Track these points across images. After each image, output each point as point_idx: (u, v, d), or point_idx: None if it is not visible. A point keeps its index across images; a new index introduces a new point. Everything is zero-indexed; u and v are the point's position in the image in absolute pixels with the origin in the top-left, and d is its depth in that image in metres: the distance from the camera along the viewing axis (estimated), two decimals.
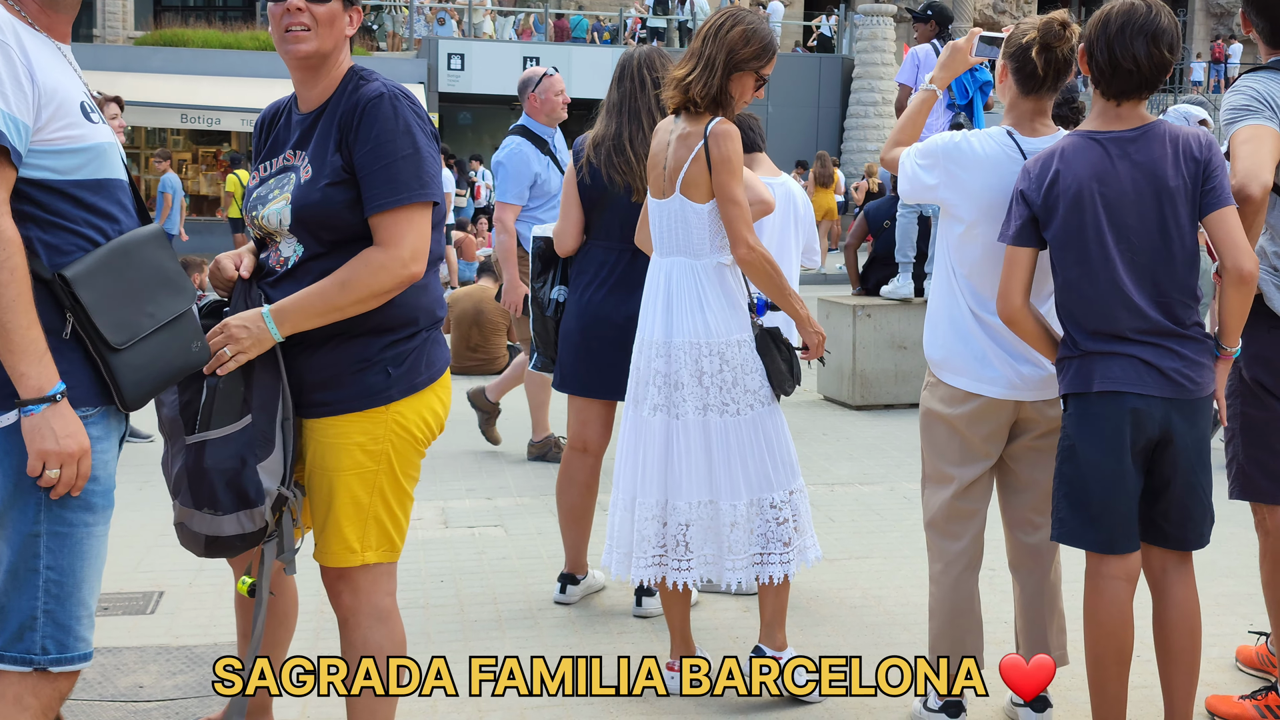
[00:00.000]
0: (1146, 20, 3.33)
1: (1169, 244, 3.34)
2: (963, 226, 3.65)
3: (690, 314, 3.95)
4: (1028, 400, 3.68)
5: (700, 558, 3.99)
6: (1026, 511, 3.80)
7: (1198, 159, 3.33)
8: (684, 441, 3.96)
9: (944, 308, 3.74)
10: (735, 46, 3.90)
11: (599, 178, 4.77)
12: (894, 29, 30.74)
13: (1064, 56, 3.59)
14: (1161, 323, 3.34)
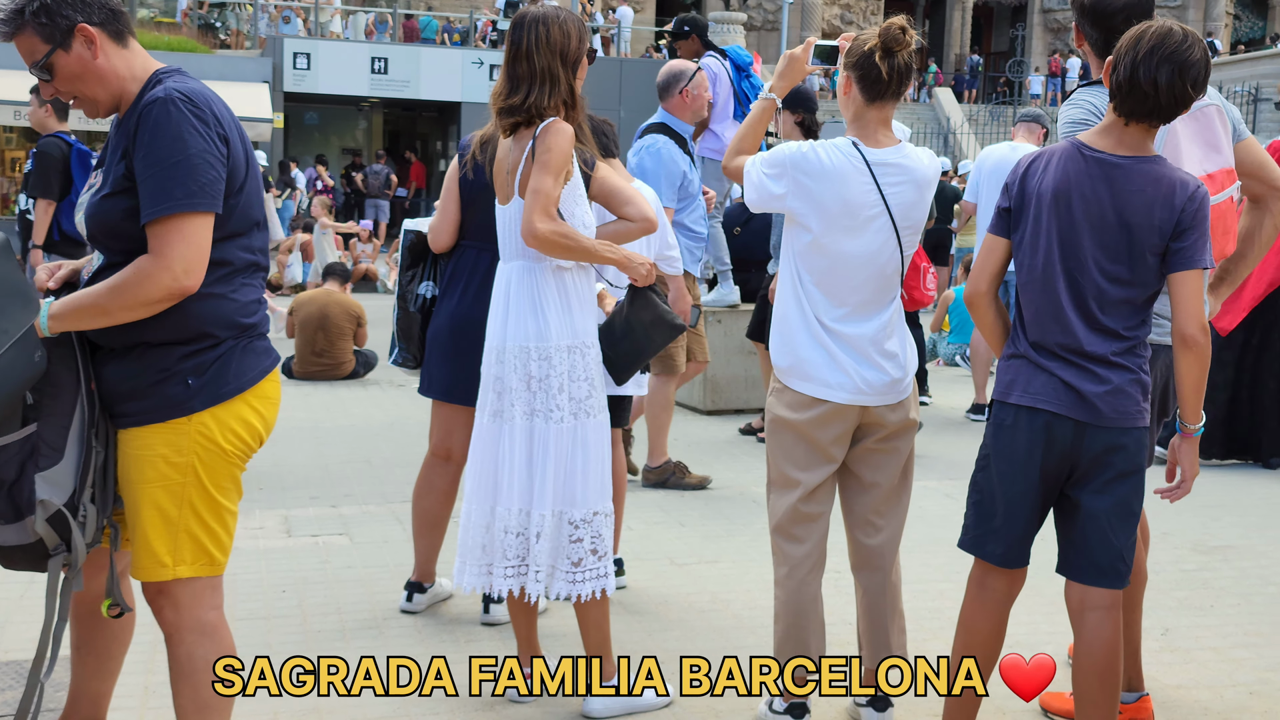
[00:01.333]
0: (1178, 49, 3.25)
1: (1126, 278, 3.32)
2: (810, 236, 3.69)
3: (525, 318, 3.91)
4: (872, 405, 3.74)
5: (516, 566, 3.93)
6: (869, 514, 3.86)
7: (1174, 208, 3.27)
8: (509, 446, 3.92)
9: (791, 315, 3.77)
10: (564, 46, 3.87)
11: (482, 176, 4.71)
12: (744, 37, 31.07)
13: (905, 62, 3.65)
14: (1092, 348, 3.33)
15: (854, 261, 3.66)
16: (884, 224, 3.65)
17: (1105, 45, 3.87)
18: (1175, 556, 5.81)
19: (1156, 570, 5.25)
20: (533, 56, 3.84)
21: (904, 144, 3.72)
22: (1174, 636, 4.81)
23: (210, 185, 2.85)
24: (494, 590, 3.96)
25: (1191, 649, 4.69)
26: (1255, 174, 3.97)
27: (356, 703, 3.98)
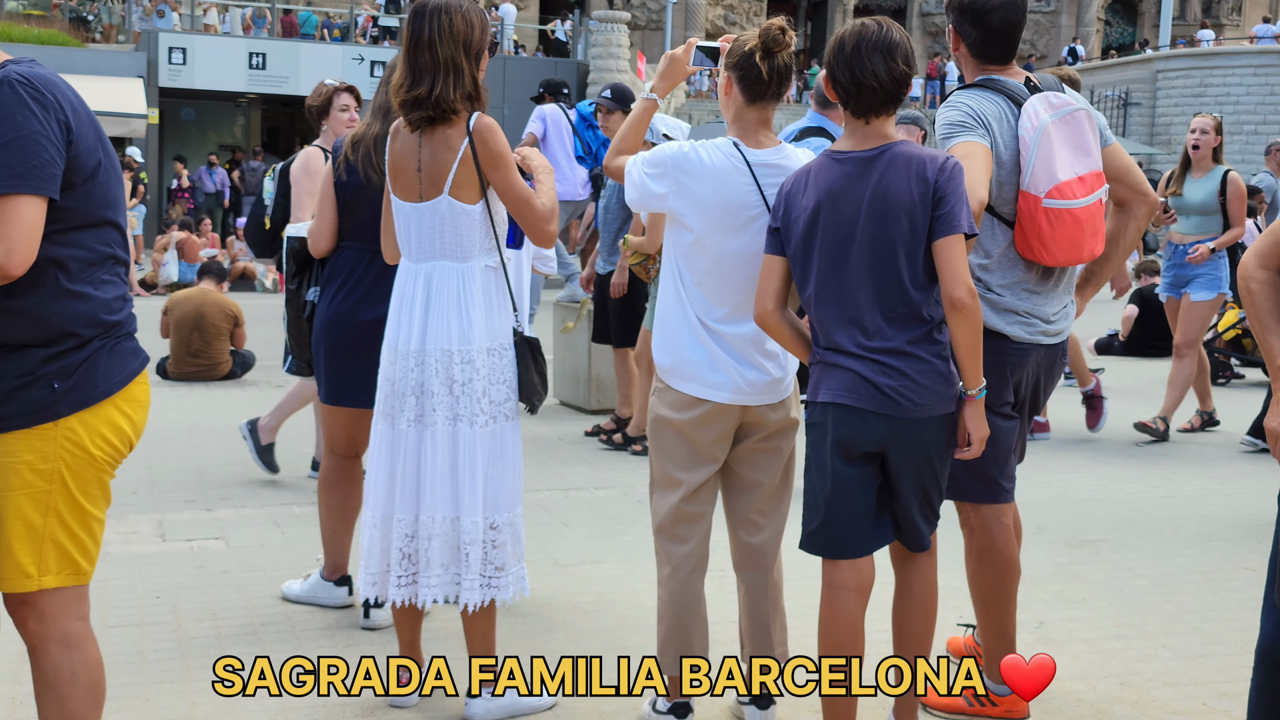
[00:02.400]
0: (879, 37, 3.43)
1: (898, 264, 3.41)
2: (691, 236, 3.69)
3: (449, 320, 3.86)
4: (754, 405, 3.75)
5: (443, 576, 3.90)
6: (750, 513, 3.87)
7: (928, 181, 3.39)
8: (432, 452, 3.87)
9: (672, 315, 3.76)
10: (467, 36, 3.83)
11: (356, 176, 4.64)
12: (628, 35, 31.12)
13: (785, 63, 3.67)
14: (885, 341, 3.42)
15: (735, 261, 3.67)
16: (765, 224, 3.66)
17: (983, 44, 3.93)
18: (1049, 551, 5.92)
19: (1031, 565, 5.35)
20: (435, 47, 3.79)
21: (784, 145, 3.74)
22: (1049, 629, 4.90)
23: (43, 168, 2.71)
24: (420, 600, 3.92)
25: (1066, 641, 4.78)
26: (1121, 178, 4.06)
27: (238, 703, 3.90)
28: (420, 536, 3.89)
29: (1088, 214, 3.78)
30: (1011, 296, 3.89)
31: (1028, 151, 3.76)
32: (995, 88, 3.89)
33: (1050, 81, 3.98)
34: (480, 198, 3.85)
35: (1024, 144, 3.78)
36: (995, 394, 3.88)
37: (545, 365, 4.08)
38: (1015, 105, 3.85)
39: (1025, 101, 3.83)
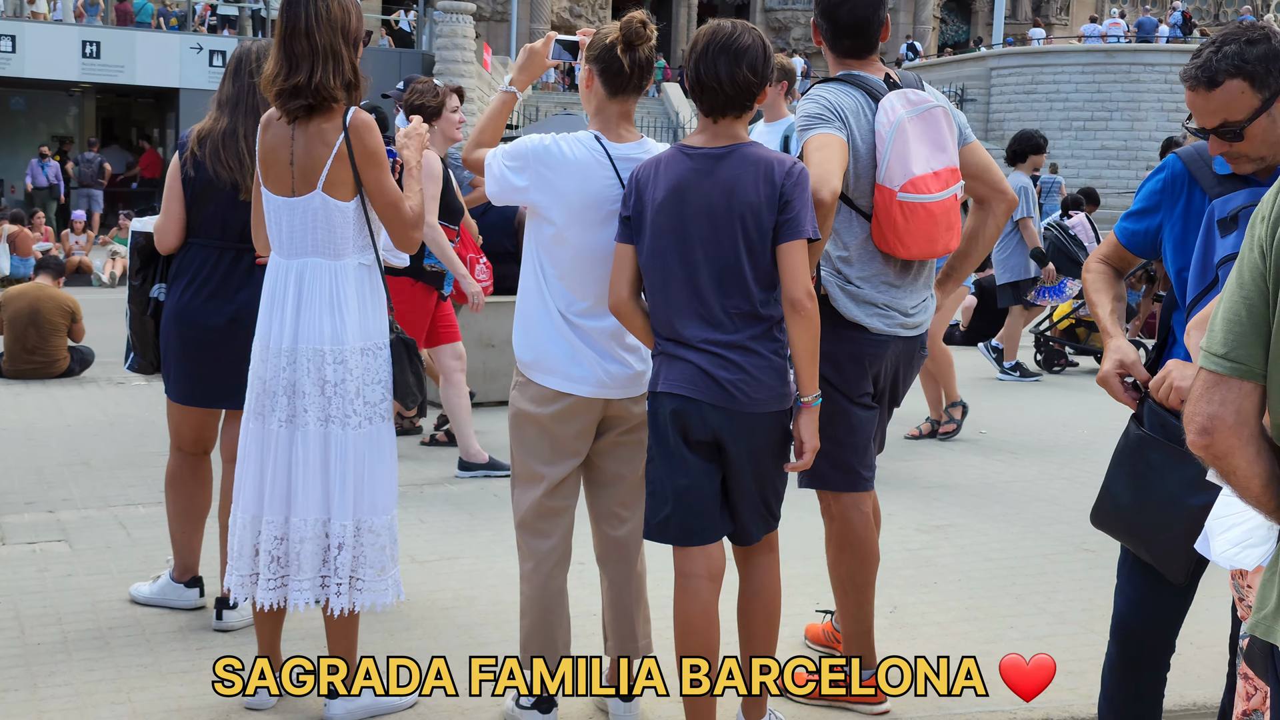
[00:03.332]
0: (728, 41, 3.48)
1: (741, 261, 3.47)
2: (553, 229, 3.68)
3: (321, 318, 3.79)
4: (616, 398, 3.76)
5: (313, 579, 3.84)
6: (613, 505, 3.89)
7: (775, 184, 3.45)
8: (303, 454, 3.80)
9: (534, 309, 3.76)
10: (345, 23, 3.77)
11: (204, 172, 4.52)
12: (473, 26, 30.90)
13: (647, 56, 3.69)
14: (725, 335, 3.48)
15: (597, 255, 3.68)
16: None
17: (833, 37, 4.01)
18: (901, 536, 6.06)
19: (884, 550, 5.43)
20: (313, 33, 3.72)
21: (645, 139, 3.76)
22: (902, 613, 5.01)
23: None
24: (291, 603, 3.85)
25: (918, 625, 4.90)
26: (980, 176, 4.17)
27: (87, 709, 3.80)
28: (291, 539, 3.82)
29: (942, 208, 3.87)
30: (870, 289, 3.96)
31: (883, 146, 3.84)
32: (854, 82, 3.96)
33: (910, 79, 4.07)
34: (355, 195, 3.79)
35: (880, 139, 3.86)
36: (854, 384, 3.96)
37: (421, 365, 4.04)
38: (873, 100, 3.92)
39: (883, 97, 3.91)
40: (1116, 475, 3.31)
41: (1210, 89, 3.04)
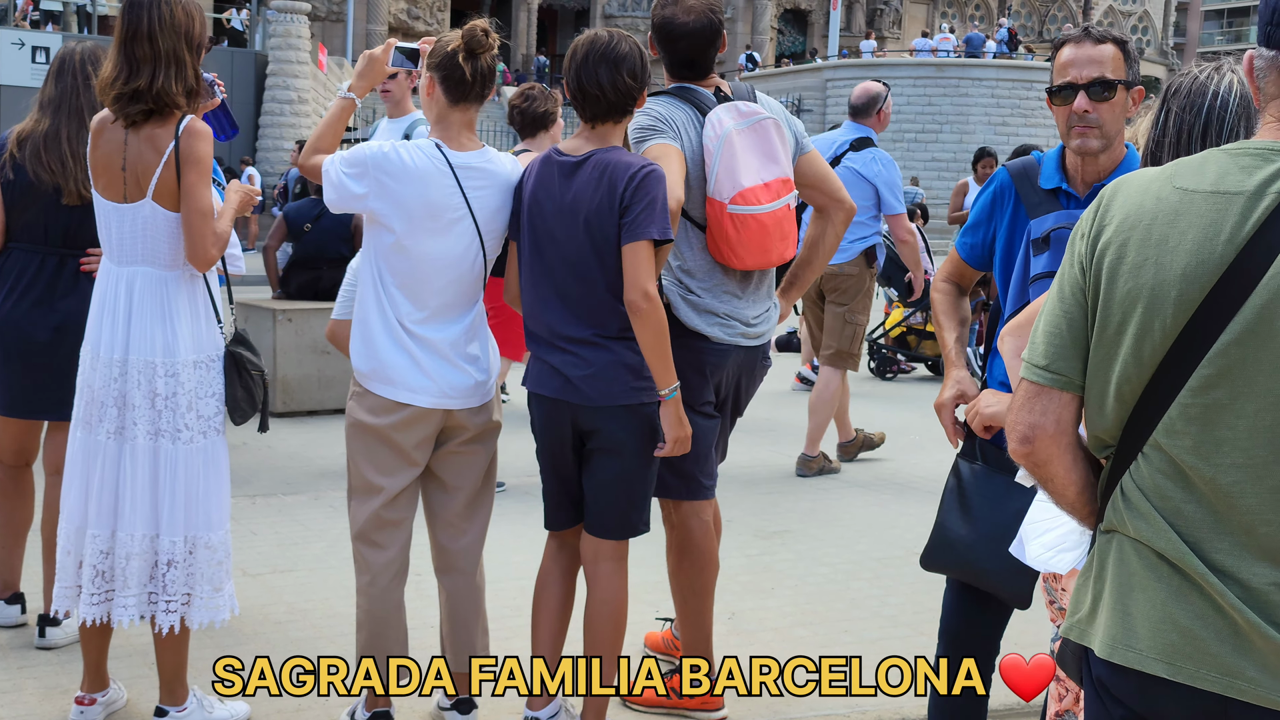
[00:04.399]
0: (607, 49, 3.58)
1: (590, 263, 3.56)
2: (393, 237, 3.63)
3: (153, 330, 3.67)
4: (456, 409, 3.73)
5: (139, 595, 3.72)
6: (452, 516, 3.85)
7: (616, 189, 3.53)
8: (132, 468, 3.68)
9: (373, 318, 3.69)
10: (188, 28, 3.67)
11: (24, 175, 4.35)
12: (309, 27, 30.41)
13: (489, 64, 3.67)
14: (579, 332, 3.59)
15: (437, 264, 3.64)
16: (467, 227, 3.65)
17: (671, 67, 4.04)
18: (740, 543, 6.12)
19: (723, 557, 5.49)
20: (156, 38, 3.60)
21: (487, 148, 3.74)
22: (740, 620, 5.06)
23: None
24: (115, 619, 3.72)
25: (756, 630, 4.96)
26: (818, 185, 4.23)
27: None
28: (118, 554, 3.70)
29: (774, 219, 3.92)
30: (711, 298, 4.00)
31: (711, 159, 3.89)
32: (685, 96, 4.01)
33: (742, 90, 4.11)
34: None
35: (708, 152, 3.90)
36: (695, 393, 3.99)
37: (253, 378, 3.93)
38: (701, 114, 3.96)
39: (710, 111, 3.94)
40: (950, 512, 3.40)
41: (1095, 44, 3.21)
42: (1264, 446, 1.81)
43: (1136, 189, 1.96)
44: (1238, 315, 1.81)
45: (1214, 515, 1.86)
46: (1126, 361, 1.91)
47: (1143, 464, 1.93)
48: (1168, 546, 1.89)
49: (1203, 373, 1.84)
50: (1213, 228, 1.84)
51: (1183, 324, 1.85)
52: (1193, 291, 1.84)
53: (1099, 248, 1.95)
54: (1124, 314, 1.91)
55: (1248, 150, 1.89)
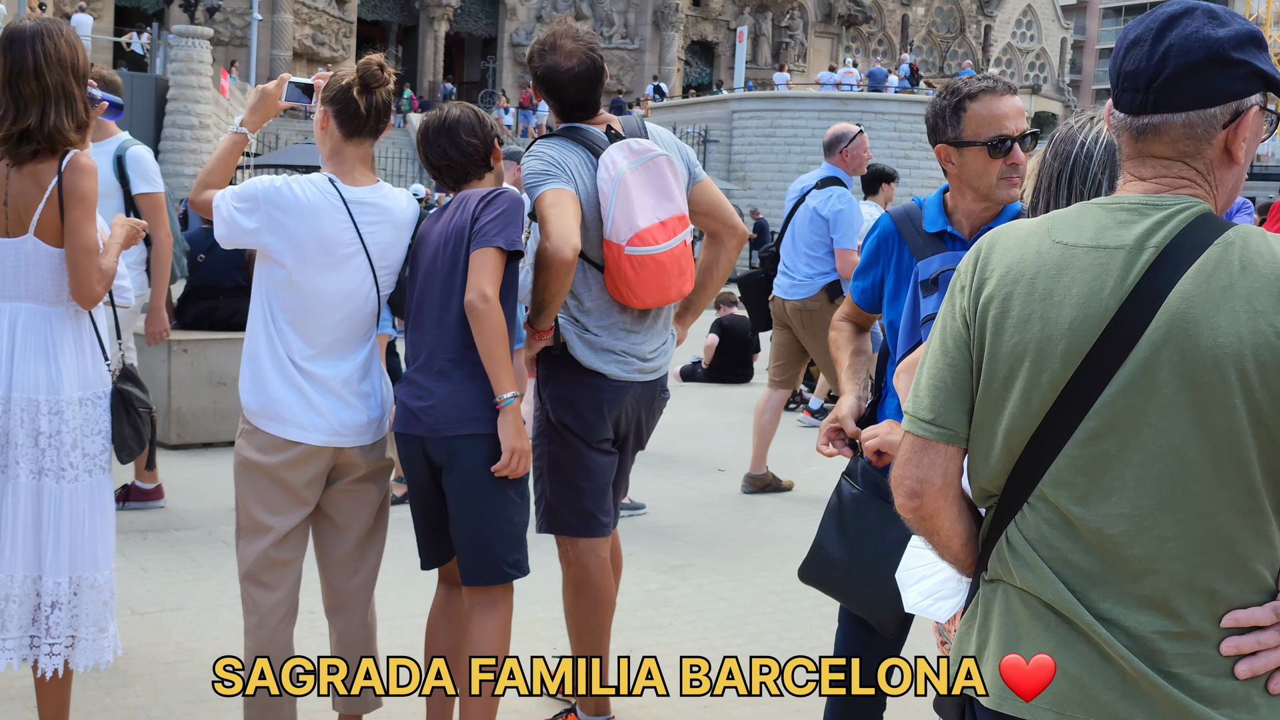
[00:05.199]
0: (441, 122, 3.71)
1: (446, 291, 3.61)
2: (284, 272, 3.58)
3: (35, 366, 3.58)
4: (348, 446, 3.67)
5: (19, 638, 3.61)
6: (343, 556, 3.79)
7: (469, 210, 3.60)
8: (13, 507, 3.58)
9: (263, 354, 3.64)
10: (73, 60, 3.59)
11: None
12: (210, 52, 30.07)
13: (384, 99, 3.64)
14: (426, 365, 3.64)
15: (330, 300, 3.60)
16: (361, 263, 3.62)
17: (562, 111, 4.03)
18: (639, 577, 6.10)
19: (623, 592, 5.48)
20: (43, 74, 3.52)
21: (382, 184, 3.71)
22: (638, 656, 5.03)
23: None
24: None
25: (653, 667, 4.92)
26: (711, 213, 4.25)
27: None
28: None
29: (671, 257, 3.92)
30: (608, 336, 3.99)
31: (606, 202, 3.87)
32: (576, 137, 3.98)
33: (633, 125, 4.10)
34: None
35: (603, 195, 3.89)
36: (593, 430, 3.98)
37: (141, 416, 3.85)
38: (595, 155, 3.94)
39: (603, 152, 3.93)
40: (828, 532, 3.42)
41: (1013, 95, 3.29)
42: (1150, 496, 1.83)
43: (1016, 242, 1.98)
44: (1123, 367, 1.83)
45: (1101, 565, 1.88)
46: (1014, 413, 1.93)
47: (1029, 514, 1.94)
48: (1055, 597, 1.91)
49: (1089, 424, 1.86)
50: (1096, 282, 1.87)
51: (1070, 376, 1.87)
52: (1079, 344, 1.86)
53: (982, 301, 1.97)
54: (1011, 367, 1.93)
55: (1122, 205, 1.93)
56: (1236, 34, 1.89)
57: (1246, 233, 1.85)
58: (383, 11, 49.13)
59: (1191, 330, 1.79)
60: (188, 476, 8.12)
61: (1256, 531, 1.83)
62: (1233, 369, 1.77)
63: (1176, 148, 1.93)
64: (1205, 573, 1.83)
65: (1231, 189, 1.96)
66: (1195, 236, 1.85)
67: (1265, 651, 1.81)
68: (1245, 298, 1.78)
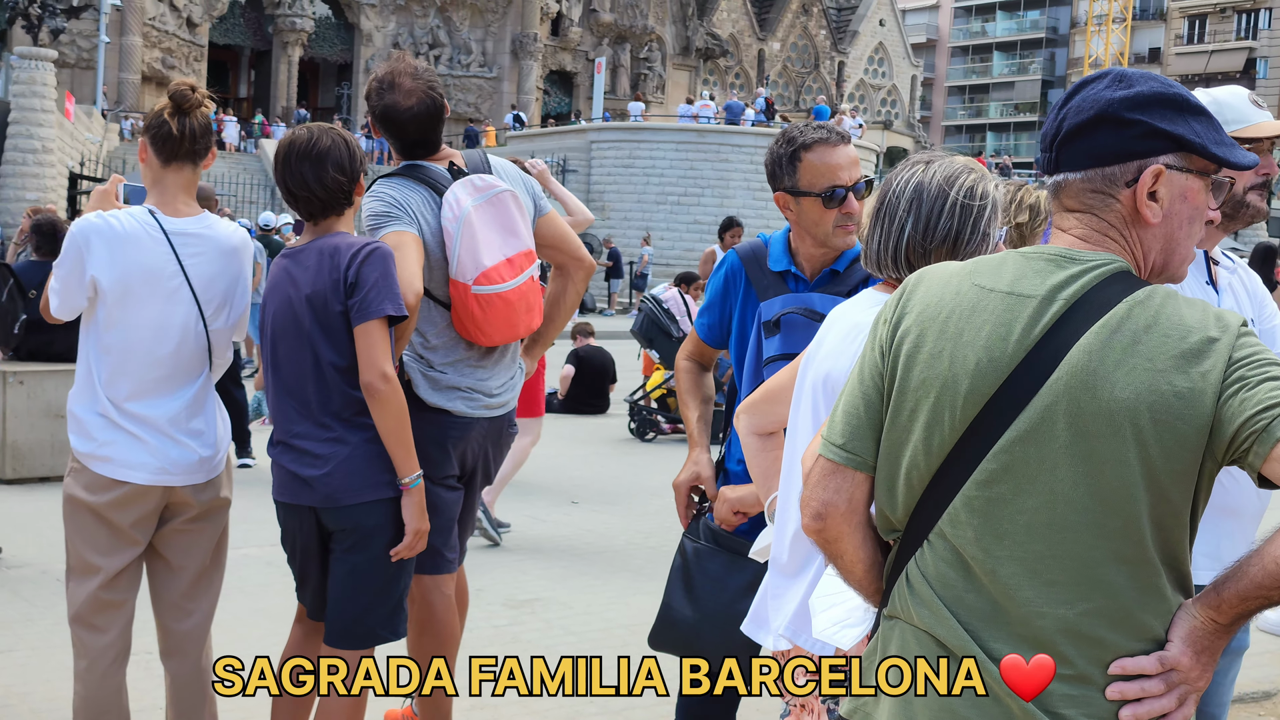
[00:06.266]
0: (307, 147, 3.50)
1: (320, 354, 3.46)
2: (104, 309, 3.48)
3: None
4: (179, 485, 3.58)
5: None
6: (178, 598, 3.69)
7: (340, 269, 3.44)
8: None
9: (85, 392, 3.53)
10: None
11: None
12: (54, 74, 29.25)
13: (201, 122, 3.57)
14: (309, 430, 3.49)
15: (152, 336, 3.51)
16: (185, 296, 3.53)
17: (404, 149, 3.98)
18: (488, 614, 6.05)
19: (470, 627, 5.42)
20: None
21: (206, 214, 3.62)
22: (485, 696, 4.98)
23: None
24: None
25: (498, 704, 4.88)
26: (558, 245, 4.23)
27: None
28: None
29: (518, 294, 3.89)
30: (455, 374, 3.95)
31: (452, 241, 3.82)
32: (418, 176, 3.92)
33: (476, 160, 4.06)
34: None
35: (448, 234, 3.83)
36: (438, 467, 3.93)
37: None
38: (437, 194, 3.89)
39: (446, 190, 3.89)
40: (675, 591, 3.44)
41: (846, 144, 3.33)
42: (1040, 542, 1.86)
43: (938, 281, 2.02)
44: (1023, 413, 1.86)
45: (993, 606, 1.90)
46: (916, 449, 1.96)
47: (928, 551, 1.96)
48: (949, 635, 1.94)
49: (987, 466, 1.89)
50: (1005, 327, 1.90)
51: (971, 417, 1.90)
52: (982, 386, 1.90)
53: (898, 335, 2.00)
54: (917, 401, 1.95)
55: (1043, 255, 1.97)
56: (1137, 95, 1.93)
57: (1157, 292, 1.89)
58: (235, 35, 48.34)
59: (1091, 383, 1.83)
60: (23, 512, 7.86)
61: (1144, 584, 1.86)
62: (1128, 424, 1.81)
63: (1083, 202, 1.98)
64: (1091, 620, 1.86)
65: (1165, 249, 1.98)
66: (1106, 293, 1.89)
67: (1149, 699, 1.85)
68: (1147, 356, 1.82)
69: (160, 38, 44.02)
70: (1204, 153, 1.94)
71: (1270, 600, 1.76)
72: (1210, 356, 1.81)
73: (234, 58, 50.01)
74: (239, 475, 8.48)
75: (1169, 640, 1.86)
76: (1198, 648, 1.84)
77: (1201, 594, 1.85)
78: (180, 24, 44.74)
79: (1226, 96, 3.05)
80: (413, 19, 49.22)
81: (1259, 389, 1.78)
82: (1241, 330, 1.85)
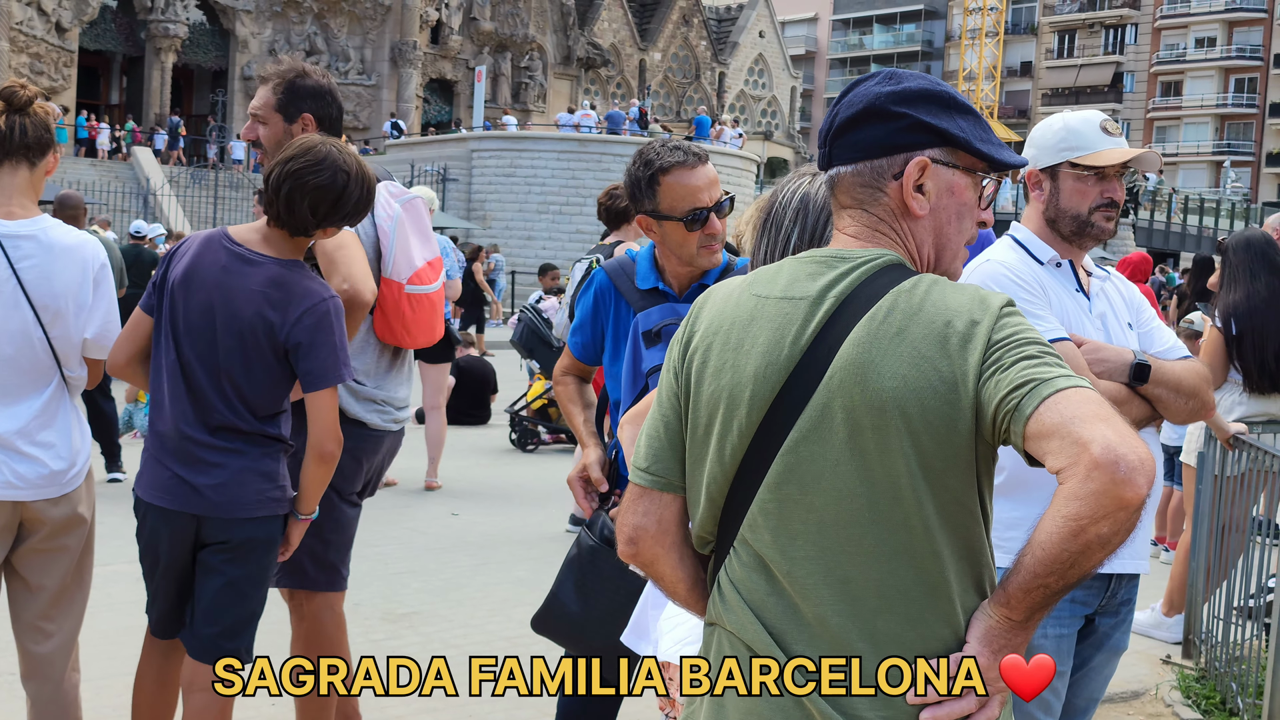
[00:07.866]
0: (330, 185, 3.33)
1: (235, 372, 3.32)
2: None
3: None
4: (28, 500, 3.44)
5: None
6: (37, 619, 3.56)
7: (289, 314, 3.31)
8: None
9: None
10: None
11: None
12: None
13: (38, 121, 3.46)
14: (208, 438, 3.34)
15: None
16: (18, 301, 3.39)
17: None
18: (365, 628, 5.96)
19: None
20: None
21: (44, 216, 3.48)
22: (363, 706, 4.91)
23: None
24: None
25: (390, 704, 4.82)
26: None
27: None
28: None
29: (440, 297, 3.98)
30: (372, 385, 3.92)
31: (387, 240, 3.83)
32: None
33: (380, 171, 4.03)
34: None
35: (383, 233, 3.84)
36: (349, 481, 3.89)
37: None
38: None
39: None
40: (566, 583, 3.43)
41: (704, 164, 3.31)
42: (831, 539, 1.87)
43: (721, 296, 2.05)
44: (803, 413, 1.88)
45: (792, 607, 1.92)
46: (713, 461, 1.97)
47: (734, 559, 1.98)
48: (754, 638, 1.96)
49: (776, 469, 1.90)
50: (779, 331, 1.92)
51: (758, 423, 1.92)
52: (764, 391, 1.91)
53: (689, 354, 2.03)
54: (709, 415, 1.98)
55: (815, 258, 1.99)
56: (904, 90, 1.98)
57: (923, 280, 1.90)
58: (106, 41, 47.23)
59: (861, 376, 1.84)
60: None
61: (936, 578, 1.87)
62: (897, 413, 1.82)
63: (854, 196, 2.01)
64: (886, 618, 1.88)
65: (937, 243, 2.01)
66: (875, 286, 1.91)
67: (949, 701, 1.87)
68: (912, 344, 1.83)
69: (28, 42, 42.84)
70: (969, 148, 1.99)
71: (1050, 589, 1.74)
72: (972, 340, 1.82)
73: (106, 64, 48.86)
74: (109, 490, 8.29)
75: (967, 641, 1.88)
76: (994, 647, 1.86)
77: (994, 593, 1.85)
78: (49, 29, 43.58)
79: (1077, 123, 3.08)
80: (289, 25, 48.54)
81: (1012, 370, 1.79)
82: (1004, 311, 1.86)
